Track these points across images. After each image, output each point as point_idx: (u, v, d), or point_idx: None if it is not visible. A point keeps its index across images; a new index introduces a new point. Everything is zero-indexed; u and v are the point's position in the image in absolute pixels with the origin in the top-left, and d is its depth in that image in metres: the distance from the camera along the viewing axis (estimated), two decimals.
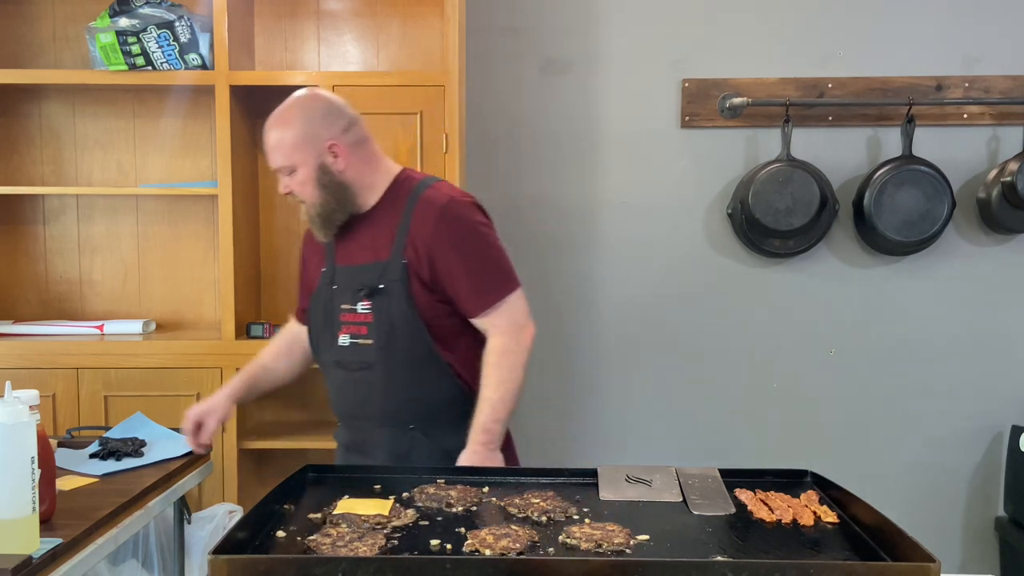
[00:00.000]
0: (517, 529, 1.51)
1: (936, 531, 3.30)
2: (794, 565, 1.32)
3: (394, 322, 2.01)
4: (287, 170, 2.04)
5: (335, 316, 2.08)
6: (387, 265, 2.02)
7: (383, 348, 2.02)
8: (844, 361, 3.30)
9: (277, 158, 2.04)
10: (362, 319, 2.04)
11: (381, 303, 2.02)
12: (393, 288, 2.01)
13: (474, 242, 2.03)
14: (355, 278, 2.06)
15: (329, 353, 2.11)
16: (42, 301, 3.22)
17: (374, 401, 2.07)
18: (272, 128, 2.05)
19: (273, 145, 2.04)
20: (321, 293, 2.12)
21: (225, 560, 1.32)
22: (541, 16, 3.24)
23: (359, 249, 2.07)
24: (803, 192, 3.09)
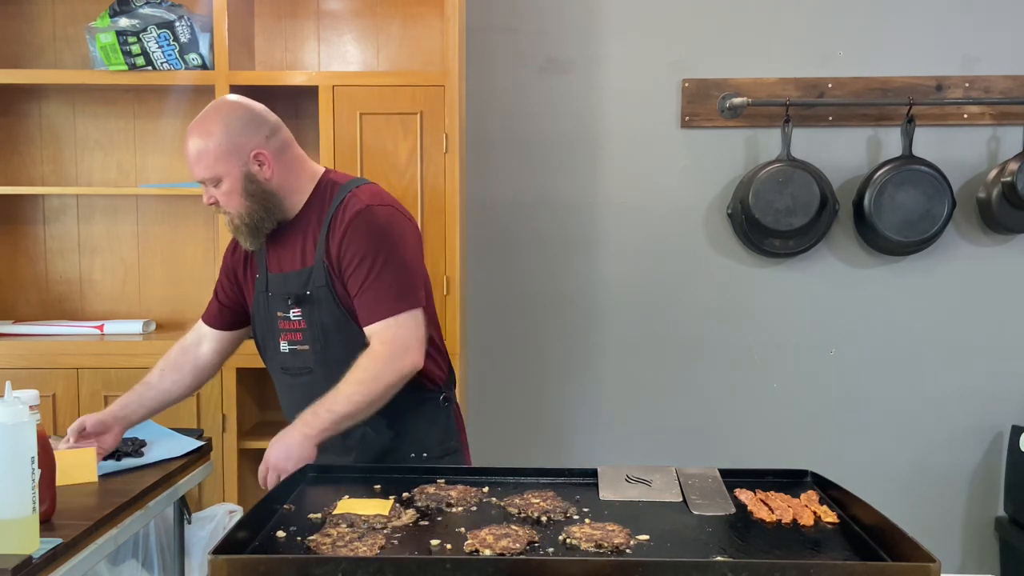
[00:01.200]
0: (517, 529, 1.51)
1: (936, 531, 3.30)
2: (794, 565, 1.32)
3: (326, 327, 2.01)
4: (212, 181, 1.99)
5: (274, 324, 2.07)
6: (313, 270, 2.01)
7: (319, 353, 2.02)
8: (844, 361, 3.30)
9: (200, 170, 1.98)
10: (296, 326, 2.04)
11: (312, 309, 2.01)
12: (320, 293, 2.00)
13: (380, 251, 1.95)
14: (284, 285, 2.04)
15: (274, 360, 2.10)
16: (42, 301, 3.22)
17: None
18: (193, 139, 1.97)
19: (195, 157, 1.97)
20: (259, 300, 2.10)
21: (225, 560, 1.32)
22: (541, 16, 3.24)
23: (287, 255, 2.06)
24: (803, 192, 3.09)
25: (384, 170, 2.88)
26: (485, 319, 3.30)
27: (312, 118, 3.01)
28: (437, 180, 2.88)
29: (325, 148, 2.88)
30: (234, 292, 2.19)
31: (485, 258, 3.25)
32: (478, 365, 3.26)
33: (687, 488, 1.76)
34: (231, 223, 2.04)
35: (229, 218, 2.03)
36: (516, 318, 3.31)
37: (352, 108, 2.87)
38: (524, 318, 3.31)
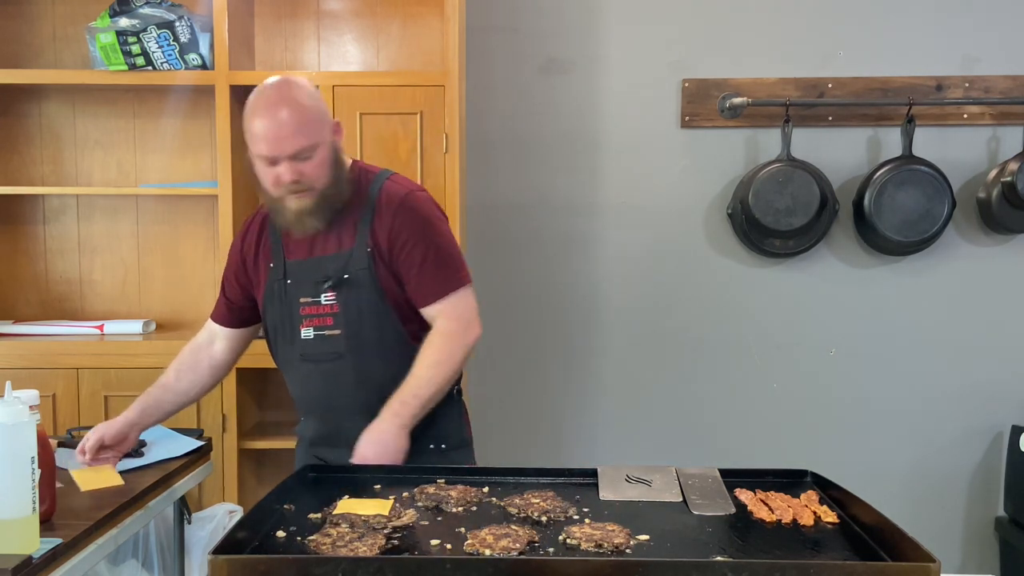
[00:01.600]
0: (517, 529, 1.51)
1: (936, 531, 3.30)
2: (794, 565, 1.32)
3: (363, 310, 2.01)
4: (308, 151, 1.92)
5: (293, 310, 2.05)
6: (353, 254, 2.01)
7: (352, 337, 2.02)
8: (844, 361, 3.30)
9: (300, 139, 1.90)
10: (326, 310, 2.02)
11: (347, 293, 2.01)
12: (361, 276, 2.00)
13: (430, 233, 2.02)
14: (316, 269, 2.03)
15: (291, 348, 2.08)
16: (42, 301, 3.22)
17: (346, 391, 2.05)
18: (282, 110, 1.90)
19: (293, 126, 1.89)
20: (274, 289, 2.08)
21: (225, 560, 1.32)
22: (541, 16, 3.24)
23: (318, 240, 2.04)
24: (803, 192, 3.09)
25: None
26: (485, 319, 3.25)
27: None
28: (437, 180, 2.88)
29: None
30: (243, 287, 2.16)
31: (485, 258, 3.24)
32: (478, 365, 3.26)
33: (687, 488, 1.76)
34: (306, 202, 1.96)
35: (306, 197, 1.95)
36: (516, 318, 3.31)
37: (352, 108, 2.87)
38: (524, 318, 3.32)
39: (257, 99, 1.94)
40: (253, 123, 1.92)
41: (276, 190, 1.95)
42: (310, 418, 2.15)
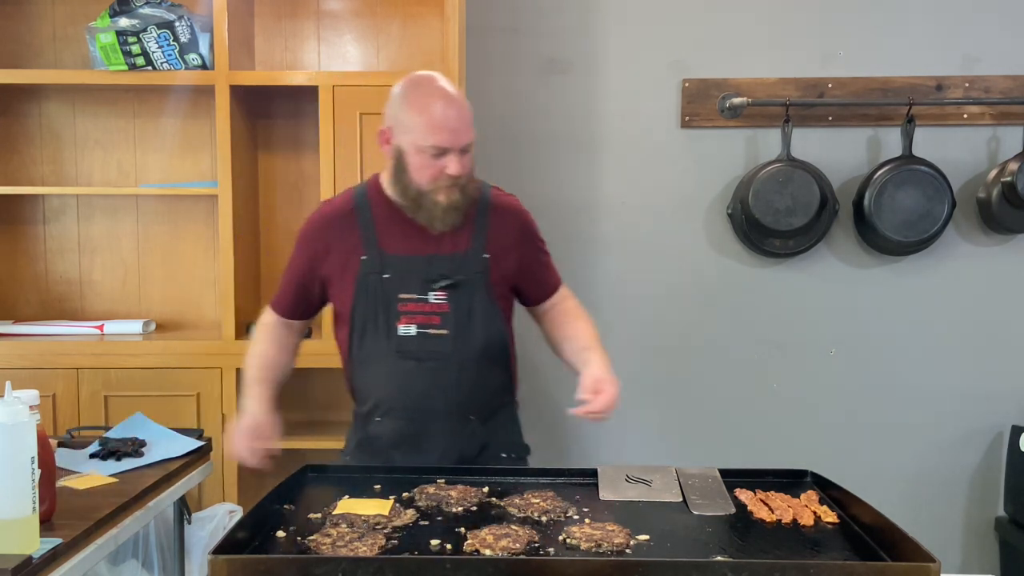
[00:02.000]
0: (517, 529, 1.51)
1: (936, 531, 3.30)
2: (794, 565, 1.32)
3: (473, 313, 2.04)
4: (471, 146, 1.98)
5: (390, 305, 2.02)
6: (468, 256, 2.04)
7: (460, 338, 2.02)
8: (844, 361, 3.30)
9: (469, 133, 1.97)
10: (434, 309, 2.02)
11: (459, 294, 2.02)
12: (474, 280, 2.04)
13: (539, 235, 2.21)
14: (427, 267, 2.02)
15: (386, 343, 2.03)
16: (42, 301, 3.22)
17: (444, 392, 2.04)
18: (456, 103, 1.95)
19: (465, 120, 1.96)
20: (368, 282, 2.04)
21: (225, 560, 1.32)
22: (541, 16, 3.24)
23: (425, 238, 2.03)
24: (803, 192, 3.09)
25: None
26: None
27: (312, 118, 3.01)
28: None
29: (325, 148, 2.88)
30: (320, 276, 2.11)
31: None
32: None
33: (687, 488, 1.76)
34: (456, 197, 1.99)
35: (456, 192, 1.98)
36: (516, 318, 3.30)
37: (352, 108, 2.87)
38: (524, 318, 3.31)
39: (427, 88, 1.97)
40: (430, 110, 1.93)
41: (432, 182, 1.96)
42: (390, 418, 2.08)
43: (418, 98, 1.95)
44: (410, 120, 1.95)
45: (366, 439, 2.11)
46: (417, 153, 1.95)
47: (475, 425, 2.09)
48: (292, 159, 3.20)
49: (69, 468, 1.99)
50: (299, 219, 3.17)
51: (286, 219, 3.22)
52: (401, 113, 1.97)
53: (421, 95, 1.95)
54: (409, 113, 1.95)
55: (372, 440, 2.10)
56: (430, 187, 1.97)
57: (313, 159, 3.10)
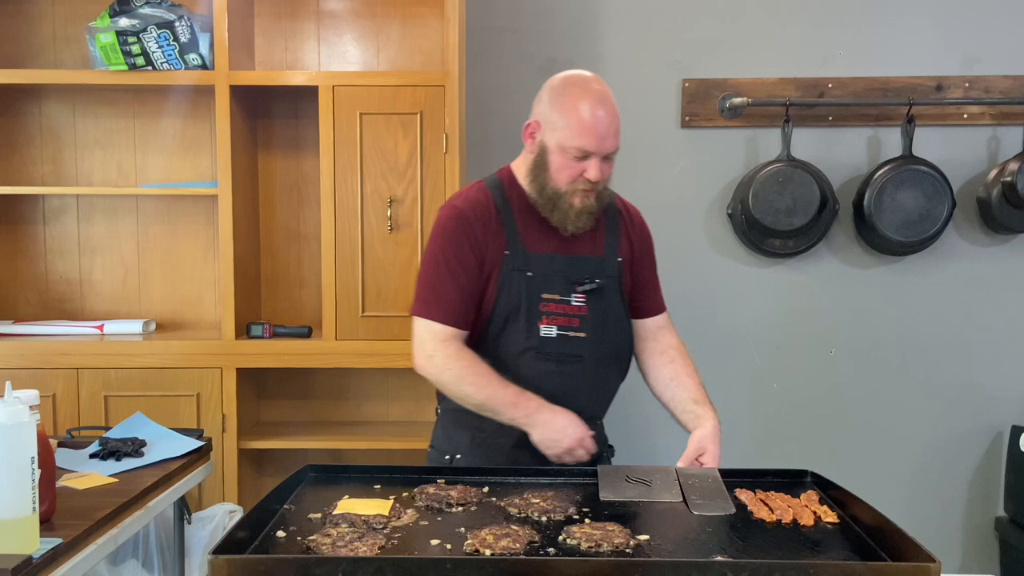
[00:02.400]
0: (517, 529, 1.51)
1: (936, 531, 3.30)
2: (794, 565, 1.32)
3: (608, 316, 2.04)
4: (614, 153, 1.97)
5: (532, 304, 1.98)
6: (605, 260, 2.06)
7: (596, 341, 2.02)
8: (844, 361, 3.30)
9: (616, 140, 1.96)
10: (574, 311, 2.01)
11: (597, 297, 2.02)
12: (611, 284, 2.06)
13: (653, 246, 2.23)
14: (571, 268, 2.01)
15: (525, 341, 1.98)
16: (42, 301, 3.22)
17: (578, 395, 2.02)
18: (609, 108, 1.94)
19: (614, 127, 1.94)
20: (511, 279, 1.98)
21: (225, 560, 1.32)
22: (541, 16, 3.24)
23: (564, 239, 2.01)
24: (803, 192, 3.09)
25: (384, 170, 2.88)
26: None
27: (312, 118, 3.02)
28: (437, 180, 2.88)
29: (325, 148, 2.88)
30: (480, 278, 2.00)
31: None
32: None
33: (687, 488, 1.76)
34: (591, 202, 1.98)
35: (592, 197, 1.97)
36: None
37: (352, 108, 2.87)
38: None
39: (581, 89, 1.94)
40: (581, 112, 1.91)
41: (570, 184, 1.95)
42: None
43: (571, 98, 1.93)
44: (559, 119, 1.93)
45: (487, 438, 2.04)
46: (560, 153, 1.94)
47: (598, 428, 2.10)
48: (292, 159, 3.20)
49: (69, 468, 1.99)
50: (299, 219, 3.21)
51: (286, 219, 3.22)
52: (551, 110, 1.94)
53: (574, 95, 1.93)
54: (559, 112, 1.93)
55: (494, 439, 2.02)
56: (567, 188, 1.95)
57: (313, 159, 3.10)
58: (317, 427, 3.14)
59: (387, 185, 2.89)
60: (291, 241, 3.23)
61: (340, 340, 2.91)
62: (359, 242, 2.90)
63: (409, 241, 2.90)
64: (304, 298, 3.23)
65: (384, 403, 3.24)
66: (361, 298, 2.91)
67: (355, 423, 3.18)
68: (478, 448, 2.05)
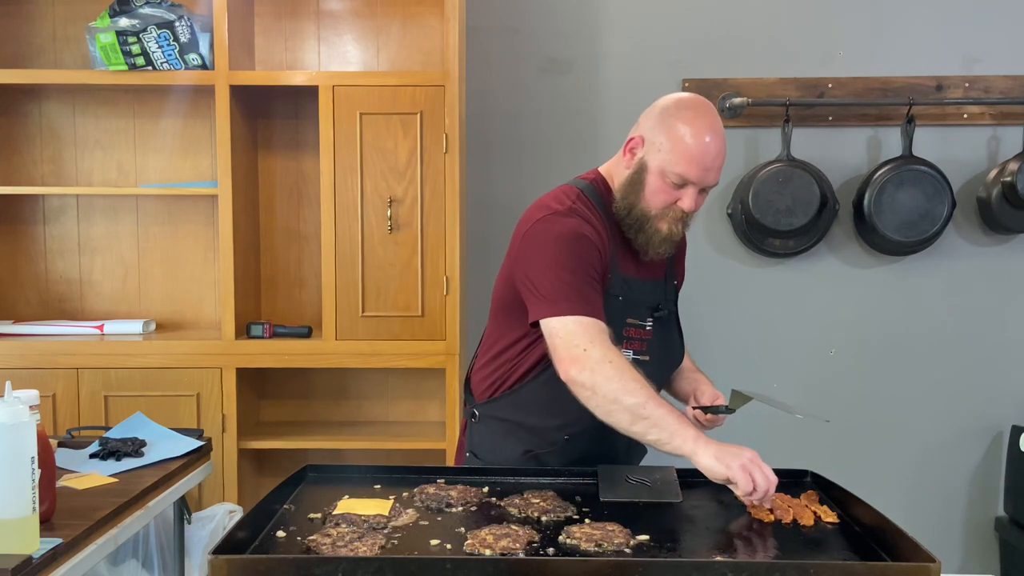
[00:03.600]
0: (517, 529, 1.51)
1: (936, 531, 3.30)
2: (794, 565, 1.32)
3: (668, 341, 2.03)
4: (712, 187, 1.91)
5: (619, 329, 1.91)
6: (667, 284, 2.05)
7: (657, 365, 1.99)
8: (844, 361, 3.30)
9: (718, 175, 1.88)
10: (646, 335, 1.98)
11: (661, 322, 2.00)
12: (671, 308, 2.05)
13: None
14: (651, 293, 1.98)
15: None
16: (42, 301, 3.22)
17: None
18: (719, 141, 1.85)
19: (718, 159, 1.85)
20: (610, 303, 1.89)
21: (225, 560, 1.32)
22: (541, 16, 3.24)
23: (636, 264, 1.97)
24: (803, 192, 3.09)
25: (384, 170, 2.88)
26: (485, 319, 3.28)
27: (312, 118, 3.02)
28: (437, 180, 2.88)
29: (325, 148, 2.88)
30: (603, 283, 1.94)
31: (485, 258, 3.24)
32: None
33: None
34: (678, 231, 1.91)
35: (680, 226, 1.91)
36: None
37: (352, 108, 2.87)
38: None
39: (697, 115, 1.85)
40: (692, 139, 1.82)
41: (662, 209, 1.87)
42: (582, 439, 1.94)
43: (684, 122, 1.83)
44: (666, 141, 1.84)
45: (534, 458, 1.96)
46: (659, 176, 1.85)
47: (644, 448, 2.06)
48: (292, 159, 3.20)
49: (69, 468, 1.99)
50: (299, 219, 3.21)
51: (286, 219, 3.22)
52: (659, 130, 1.85)
53: (688, 119, 1.84)
54: (669, 134, 1.84)
55: (554, 457, 1.95)
56: (656, 213, 1.88)
57: (313, 159, 3.10)
58: (317, 427, 3.14)
59: (387, 185, 2.89)
60: (291, 241, 3.23)
61: (340, 340, 2.91)
62: (359, 242, 2.90)
63: (409, 241, 2.90)
64: (304, 298, 3.23)
65: (384, 403, 3.24)
66: (361, 298, 2.91)
67: (355, 423, 3.19)
68: (530, 462, 1.95)
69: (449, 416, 2.92)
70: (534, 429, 1.94)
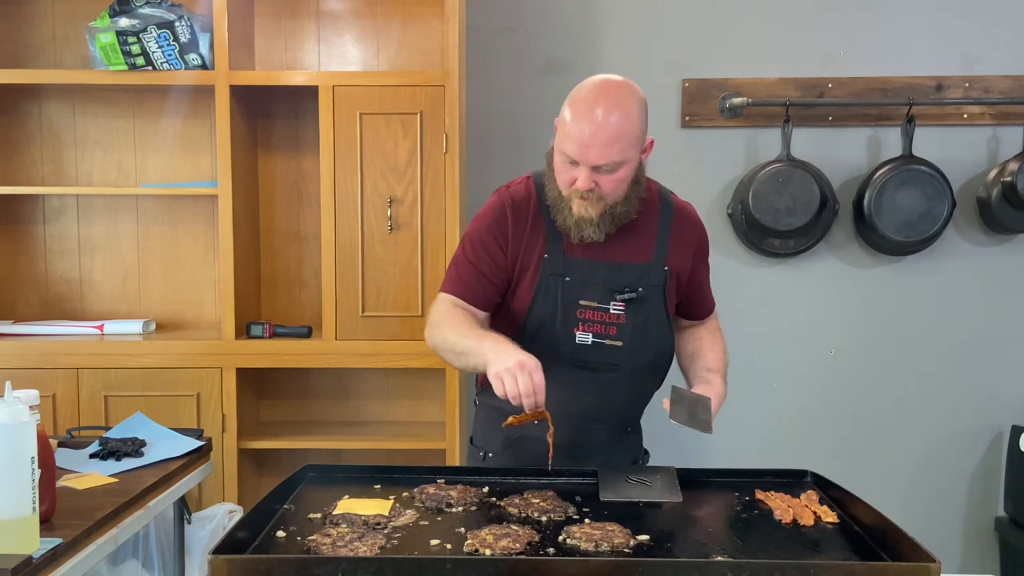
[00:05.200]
0: (517, 529, 1.51)
1: (936, 531, 3.30)
2: (794, 565, 1.32)
3: (648, 326, 1.98)
4: (615, 166, 1.84)
5: (568, 310, 1.94)
6: (649, 269, 1.98)
7: (633, 351, 1.97)
8: (844, 361, 3.30)
9: (613, 152, 1.82)
10: (612, 319, 1.96)
11: (637, 306, 1.96)
12: (652, 292, 1.98)
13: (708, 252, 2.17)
14: (611, 276, 1.95)
15: (561, 349, 1.96)
16: (42, 301, 3.22)
17: (612, 403, 2.01)
18: (614, 116, 1.82)
19: (613, 136, 1.81)
20: (549, 284, 1.94)
21: (225, 560, 1.32)
22: (541, 16, 3.24)
23: (605, 244, 1.94)
24: (803, 192, 3.09)
25: (384, 170, 2.88)
26: None
27: (312, 118, 3.02)
28: (437, 180, 2.88)
29: (325, 148, 2.88)
30: (505, 270, 1.98)
31: None
32: None
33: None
34: (590, 212, 1.88)
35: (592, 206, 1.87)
36: None
37: (352, 108, 2.87)
38: None
39: (586, 96, 1.86)
40: (570, 119, 1.85)
41: (566, 188, 1.89)
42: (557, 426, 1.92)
43: (572, 102, 1.87)
44: (560, 121, 1.88)
45: (517, 441, 2.03)
46: (559, 154, 1.89)
47: (631, 435, 2.09)
48: (292, 159, 3.20)
49: (69, 468, 1.99)
50: (299, 219, 3.21)
51: (286, 219, 3.22)
52: (563, 109, 1.88)
53: (576, 100, 1.86)
54: (562, 114, 1.88)
55: (527, 443, 2.01)
56: (567, 193, 1.89)
57: (313, 159, 3.10)
58: (317, 427, 3.14)
59: (387, 185, 2.89)
60: (291, 241, 3.23)
61: (340, 340, 2.91)
62: (359, 242, 2.90)
63: (409, 241, 2.90)
64: (304, 298, 3.23)
65: (384, 403, 3.24)
66: (361, 298, 2.91)
67: (355, 423, 3.19)
68: (509, 449, 2.03)
69: (449, 416, 2.92)
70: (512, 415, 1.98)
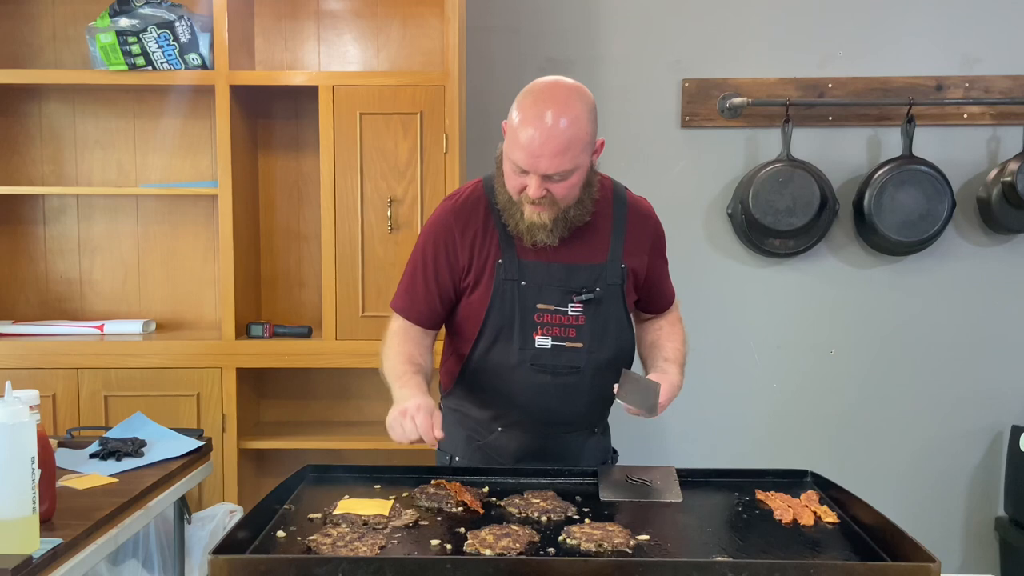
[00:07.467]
0: (517, 529, 1.52)
1: (936, 531, 3.30)
2: (794, 565, 1.32)
3: (608, 326, 1.95)
4: (563, 174, 1.79)
5: (526, 315, 1.91)
6: (605, 268, 1.95)
7: (594, 351, 1.94)
8: (844, 361, 3.30)
9: (565, 160, 1.77)
10: (570, 321, 1.93)
11: (596, 306, 1.93)
12: (610, 292, 1.95)
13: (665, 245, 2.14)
14: (568, 278, 1.92)
15: (520, 354, 1.92)
16: (42, 301, 3.22)
17: (576, 407, 1.98)
18: (563, 125, 1.76)
19: (564, 145, 1.76)
20: (504, 289, 1.91)
21: (225, 560, 1.32)
22: (541, 16, 3.24)
23: (559, 246, 1.90)
24: (803, 192, 3.09)
25: (384, 170, 2.88)
26: None
27: (312, 118, 3.02)
28: (437, 180, 2.88)
29: (325, 148, 2.88)
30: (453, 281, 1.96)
31: None
32: None
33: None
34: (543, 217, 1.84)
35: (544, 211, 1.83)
36: None
37: (352, 108, 2.87)
38: None
39: (534, 102, 1.80)
40: (519, 124, 1.78)
41: (516, 194, 1.85)
42: (516, 429, 2.00)
43: (519, 107, 1.81)
44: (508, 127, 1.83)
45: (485, 445, 2.03)
46: (508, 160, 1.84)
47: (598, 437, 2.08)
48: (292, 159, 3.20)
49: (69, 468, 1.99)
50: (299, 219, 3.21)
51: (286, 219, 3.22)
52: (511, 112, 1.82)
53: (523, 105, 1.80)
54: (509, 119, 1.82)
55: (493, 448, 2.02)
56: (517, 198, 1.85)
57: (313, 159, 3.10)
58: (317, 427, 3.14)
59: (387, 185, 2.89)
60: (291, 241, 3.23)
61: (340, 340, 2.91)
62: (359, 242, 2.90)
63: (409, 241, 2.90)
64: (304, 298, 3.23)
65: (384, 403, 3.18)
66: (361, 298, 2.91)
67: (355, 423, 3.18)
68: (476, 452, 2.04)
69: None
70: (476, 420, 2.03)
